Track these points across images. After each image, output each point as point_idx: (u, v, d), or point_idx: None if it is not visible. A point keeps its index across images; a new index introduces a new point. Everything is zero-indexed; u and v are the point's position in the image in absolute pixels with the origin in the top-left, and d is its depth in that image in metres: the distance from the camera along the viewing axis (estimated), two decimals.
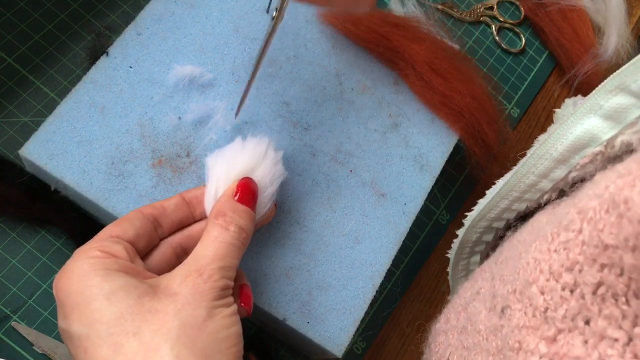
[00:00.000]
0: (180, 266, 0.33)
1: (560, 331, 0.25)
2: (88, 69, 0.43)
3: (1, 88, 0.47)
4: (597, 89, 0.30)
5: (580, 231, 0.25)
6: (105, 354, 0.29)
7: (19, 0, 0.50)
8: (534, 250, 0.28)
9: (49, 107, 0.47)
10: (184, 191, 0.39)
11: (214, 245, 0.34)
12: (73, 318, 0.30)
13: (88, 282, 0.31)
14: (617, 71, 0.29)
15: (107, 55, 0.44)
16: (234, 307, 0.33)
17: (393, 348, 0.51)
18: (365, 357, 0.50)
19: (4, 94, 0.47)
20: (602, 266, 0.23)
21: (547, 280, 0.26)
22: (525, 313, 0.27)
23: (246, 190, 0.37)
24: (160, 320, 0.30)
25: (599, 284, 0.24)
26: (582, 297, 0.24)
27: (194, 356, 0.29)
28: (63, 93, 0.46)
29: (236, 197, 0.36)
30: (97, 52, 0.45)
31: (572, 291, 0.25)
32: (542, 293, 0.26)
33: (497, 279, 0.32)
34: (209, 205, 0.37)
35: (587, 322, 0.24)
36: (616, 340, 0.23)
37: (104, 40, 0.48)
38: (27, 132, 0.44)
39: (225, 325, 0.31)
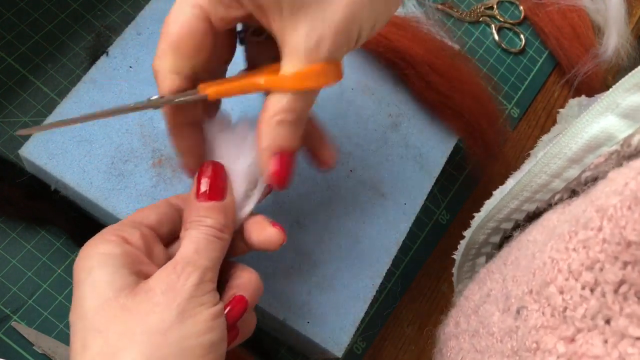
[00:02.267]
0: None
1: (579, 331, 0.24)
2: (88, 69, 0.43)
3: (1, 88, 0.47)
4: (614, 87, 0.30)
5: (600, 229, 0.24)
6: (76, 348, 0.29)
7: (19, 0, 0.50)
8: (550, 249, 0.27)
9: (49, 107, 0.47)
10: None
11: (187, 243, 0.32)
12: (72, 304, 0.30)
13: (85, 264, 0.30)
14: (636, 69, 0.29)
15: (107, 55, 0.44)
16: (215, 309, 0.30)
17: (393, 348, 0.51)
18: (365, 357, 0.50)
19: (4, 94, 0.47)
20: (625, 264, 0.23)
21: (566, 279, 0.25)
22: (543, 313, 0.26)
23: (210, 183, 0.34)
24: (127, 321, 0.29)
25: (621, 282, 0.23)
26: (603, 295, 0.24)
27: None
28: (63, 93, 0.46)
29: (199, 194, 0.33)
30: (97, 52, 0.45)
31: (592, 290, 0.24)
32: (561, 292, 0.26)
33: (509, 280, 0.31)
34: None
35: (607, 322, 0.24)
36: (638, 339, 0.23)
37: (104, 40, 0.48)
38: None
39: (197, 332, 0.29)
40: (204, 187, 0.34)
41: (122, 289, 0.30)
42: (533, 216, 0.37)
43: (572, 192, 0.34)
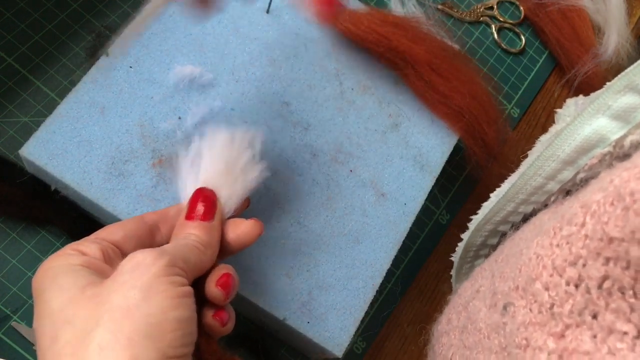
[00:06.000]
0: None
1: (567, 327, 0.25)
2: (88, 69, 0.43)
3: (1, 88, 0.47)
4: (604, 88, 0.30)
5: (583, 225, 0.25)
6: (44, 345, 0.28)
7: (19, 0, 0.50)
8: (536, 245, 0.27)
9: (49, 107, 0.47)
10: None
11: (167, 245, 0.34)
12: (35, 313, 0.30)
13: (47, 274, 0.30)
14: (626, 70, 0.29)
15: (107, 55, 0.44)
16: (182, 290, 0.30)
17: (393, 348, 0.51)
18: (365, 357, 0.50)
19: (4, 94, 0.47)
20: (607, 260, 0.23)
21: (551, 275, 0.26)
22: (530, 310, 0.26)
23: (203, 206, 0.36)
24: (94, 306, 0.28)
25: (604, 278, 0.23)
26: (588, 291, 0.24)
27: (117, 343, 0.27)
28: (63, 93, 0.46)
29: (188, 216, 0.35)
30: (97, 52, 0.45)
31: (577, 286, 0.24)
32: (547, 289, 0.26)
33: (497, 276, 0.32)
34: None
35: (594, 317, 0.24)
36: (625, 333, 0.23)
37: (104, 40, 0.48)
38: (27, 132, 0.44)
39: (162, 308, 0.28)
40: (194, 209, 0.36)
41: (88, 284, 0.29)
42: (529, 217, 0.37)
43: (567, 192, 0.34)
